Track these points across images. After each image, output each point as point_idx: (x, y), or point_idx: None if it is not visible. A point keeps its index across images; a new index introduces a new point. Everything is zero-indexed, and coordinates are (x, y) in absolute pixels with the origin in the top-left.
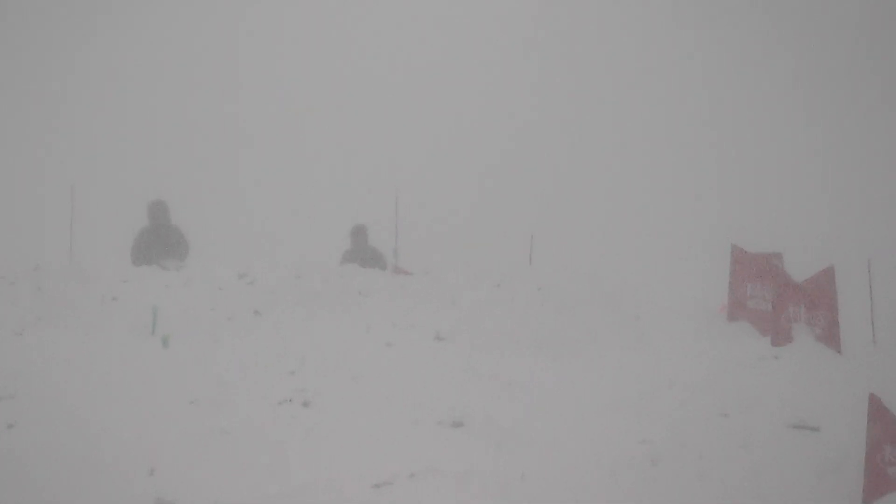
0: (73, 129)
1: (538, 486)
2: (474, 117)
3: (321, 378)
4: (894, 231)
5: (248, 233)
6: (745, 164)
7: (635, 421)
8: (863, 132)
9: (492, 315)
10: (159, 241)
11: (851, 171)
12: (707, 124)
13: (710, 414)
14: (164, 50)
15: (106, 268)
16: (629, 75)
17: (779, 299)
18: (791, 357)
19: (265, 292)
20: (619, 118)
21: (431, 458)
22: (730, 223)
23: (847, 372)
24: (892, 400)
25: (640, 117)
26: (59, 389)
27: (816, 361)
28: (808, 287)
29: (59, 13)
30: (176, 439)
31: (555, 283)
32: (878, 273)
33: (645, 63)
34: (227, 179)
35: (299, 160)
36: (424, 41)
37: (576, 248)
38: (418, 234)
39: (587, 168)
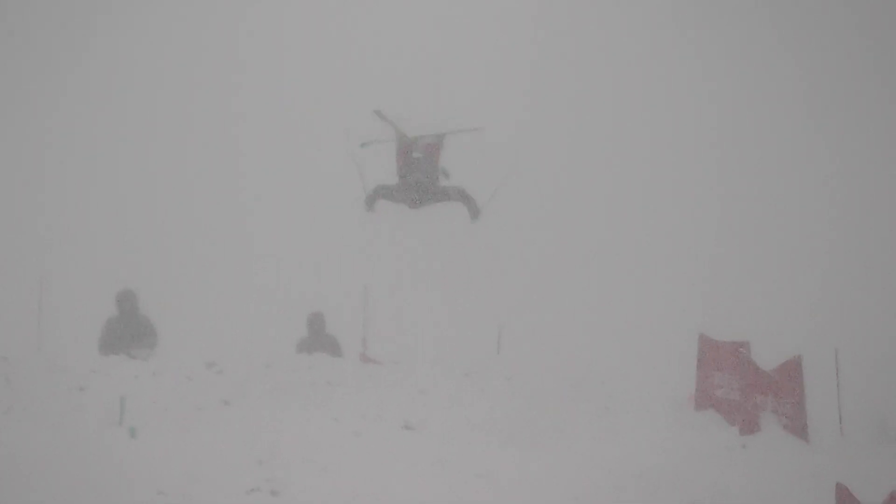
0: (43, 210)
1: None
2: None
3: (289, 468)
4: (861, 322)
5: (216, 319)
6: (715, 250)
7: None
8: (837, 216)
9: (461, 405)
10: (128, 331)
11: (819, 258)
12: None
13: None
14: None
15: (74, 358)
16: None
17: (746, 388)
18: (759, 447)
19: (234, 382)
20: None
21: None
22: (698, 311)
23: (814, 462)
24: (860, 490)
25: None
26: (27, 481)
27: (784, 451)
28: (776, 376)
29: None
30: None
31: (524, 373)
32: (845, 363)
33: (634, 87)
34: (193, 266)
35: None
36: (424, 46)
37: (544, 336)
38: (386, 322)
39: (553, 245)
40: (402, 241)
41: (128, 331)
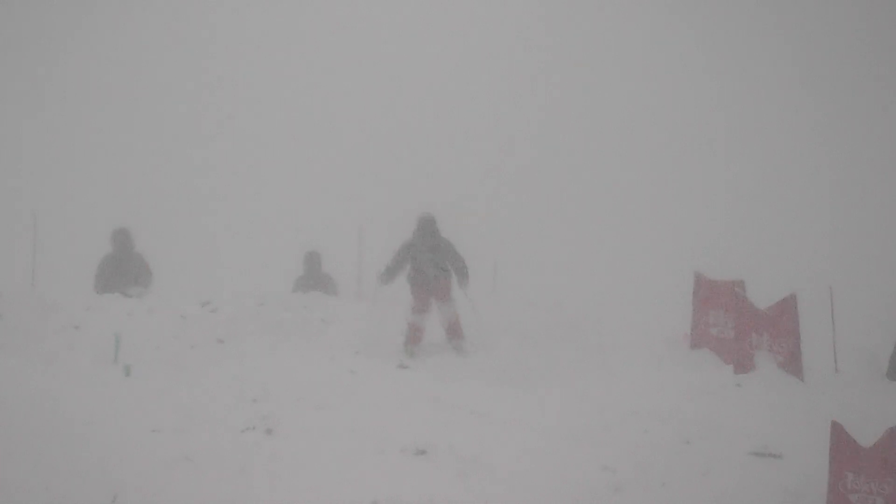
0: (39, 152)
1: None
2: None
3: (284, 406)
4: (856, 259)
5: (212, 260)
6: (710, 189)
7: (598, 449)
8: (832, 162)
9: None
10: (122, 269)
11: (816, 199)
12: (677, 142)
13: (672, 442)
14: (142, 58)
15: (68, 296)
16: (614, 91)
17: (741, 327)
18: (753, 385)
19: (228, 321)
20: (595, 136)
21: (394, 486)
22: (693, 250)
23: (809, 399)
24: (854, 427)
25: (615, 133)
26: (21, 418)
27: (779, 389)
28: (771, 314)
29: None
30: (139, 467)
31: (519, 313)
32: (840, 301)
33: (629, 80)
34: (190, 206)
35: (268, 183)
36: (426, 48)
37: (539, 276)
38: (381, 261)
39: (552, 191)
40: (398, 179)
41: (122, 269)
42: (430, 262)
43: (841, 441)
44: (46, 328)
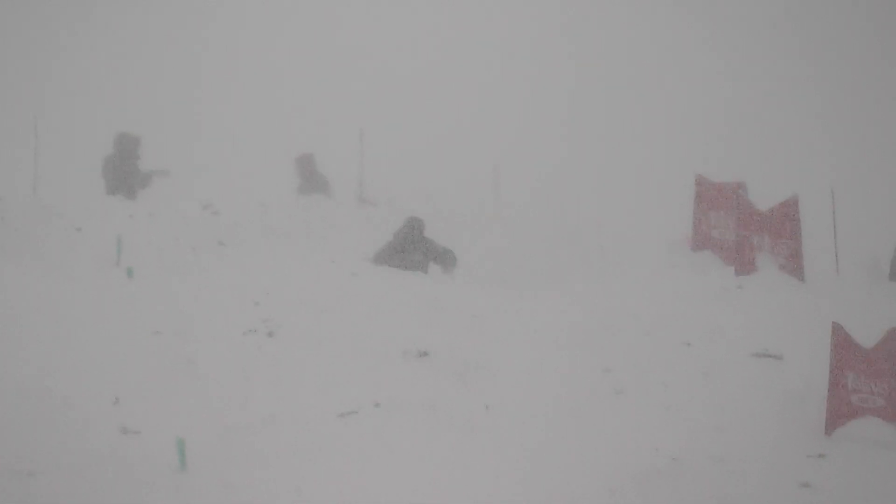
0: (40, 57)
1: (502, 416)
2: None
3: (286, 309)
4: (858, 161)
5: (214, 164)
6: (711, 93)
7: (599, 352)
8: (830, 68)
9: (457, 248)
10: (125, 173)
11: (817, 101)
12: (673, 54)
13: (673, 344)
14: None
15: (69, 199)
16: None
17: (742, 229)
18: (754, 286)
19: (229, 223)
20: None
21: (396, 388)
22: (695, 153)
23: (810, 301)
24: (855, 328)
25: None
26: (23, 320)
27: (779, 291)
28: (772, 216)
29: None
30: (140, 370)
31: (520, 217)
32: (841, 203)
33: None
34: (191, 110)
35: (269, 94)
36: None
37: (539, 181)
38: (384, 164)
39: (552, 100)
40: (400, 86)
41: (125, 173)
42: (415, 263)
43: (842, 342)
44: (48, 231)
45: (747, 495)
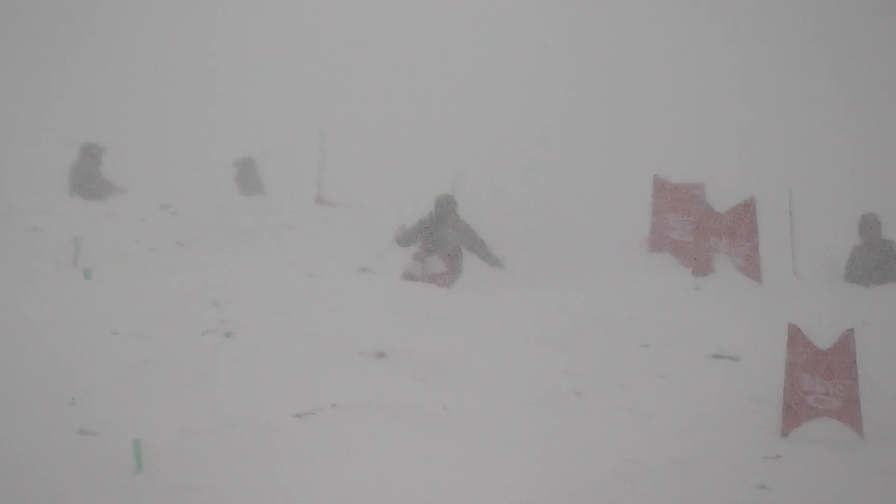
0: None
1: (461, 417)
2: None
3: (244, 309)
4: (816, 163)
5: (172, 164)
6: (670, 94)
7: (559, 354)
8: (789, 63)
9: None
10: (88, 181)
11: (775, 102)
12: (632, 53)
13: (632, 346)
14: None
15: (27, 199)
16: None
17: (700, 230)
18: (712, 288)
19: (188, 224)
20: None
21: (354, 389)
22: (653, 154)
23: (767, 302)
24: (811, 330)
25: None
26: None
27: (737, 292)
28: (730, 218)
29: None
30: (98, 370)
31: (483, 219)
32: (798, 205)
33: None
34: (150, 112)
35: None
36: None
37: (502, 184)
38: (344, 166)
39: (513, 102)
40: (361, 90)
41: (88, 181)
42: (445, 238)
43: (798, 343)
44: (5, 231)
45: (705, 497)
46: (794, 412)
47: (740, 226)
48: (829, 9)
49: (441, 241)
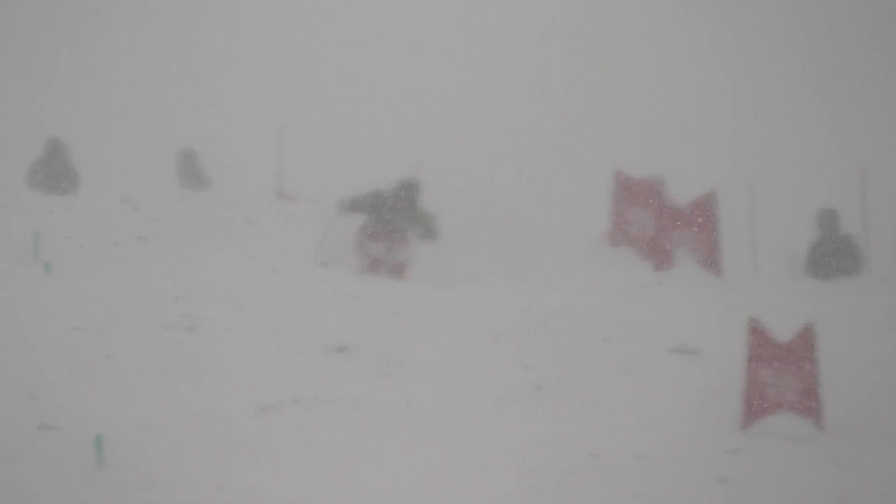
0: None
1: (423, 412)
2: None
3: (206, 304)
4: (776, 158)
5: (133, 159)
6: (631, 90)
7: (520, 349)
8: (750, 60)
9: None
10: (52, 174)
11: (735, 97)
12: (591, 48)
13: (593, 340)
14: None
15: None
16: None
17: (661, 225)
18: (672, 282)
19: (149, 219)
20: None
21: (316, 383)
22: (614, 149)
23: (728, 296)
24: (772, 323)
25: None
26: None
27: (697, 286)
28: (690, 212)
29: None
30: (59, 365)
31: (445, 212)
32: (759, 199)
33: None
34: (111, 108)
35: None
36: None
37: (462, 178)
38: (305, 161)
39: (480, 99)
40: (321, 84)
41: (52, 174)
42: (397, 227)
43: (758, 337)
44: None
45: (666, 491)
46: (755, 406)
47: (701, 220)
48: (790, 5)
49: (390, 225)
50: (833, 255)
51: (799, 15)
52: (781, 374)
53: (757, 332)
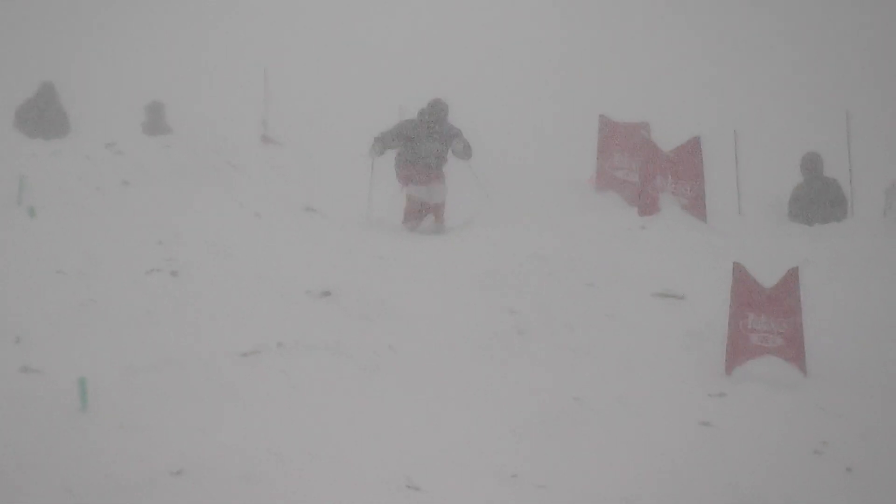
0: None
1: (406, 357)
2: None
3: (190, 249)
4: (761, 102)
5: (118, 103)
6: (617, 35)
7: (504, 293)
8: (732, 4)
9: (363, 187)
10: (44, 118)
11: (718, 42)
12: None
13: (577, 285)
14: None
15: None
16: None
17: (646, 169)
18: (657, 227)
19: (134, 163)
20: None
21: (300, 327)
22: (600, 94)
23: (712, 241)
24: (756, 269)
25: None
26: None
27: (683, 232)
28: (675, 157)
29: None
30: (42, 309)
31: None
32: (743, 143)
33: None
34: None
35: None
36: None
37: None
38: (288, 106)
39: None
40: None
41: (44, 118)
42: (430, 151)
43: (742, 282)
44: None
45: (649, 434)
46: (738, 350)
47: (686, 165)
48: None
49: (424, 153)
50: (816, 198)
51: None
52: (766, 319)
53: (741, 278)
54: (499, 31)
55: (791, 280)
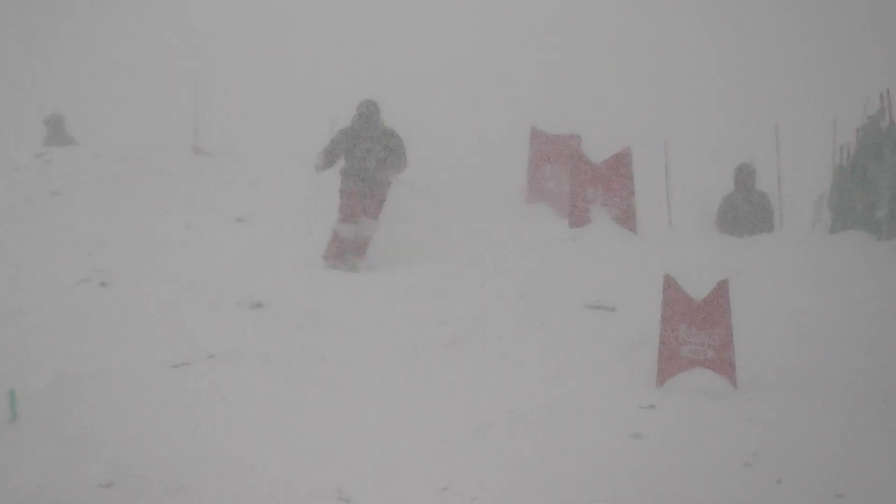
0: None
1: (337, 367)
2: None
3: (119, 259)
4: (692, 113)
5: (43, 112)
6: (548, 45)
7: (435, 303)
8: (665, 12)
9: (295, 197)
10: None
11: (650, 52)
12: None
13: (508, 296)
14: None
15: None
16: None
17: (576, 181)
18: (588, 239)
19: (62, 173)
20: None
21: (231, 339)
22: (531, 105)
23: (643, 253)
24: (686, 280)
25: None
26: None
27: (613, 243)
28: (606, 169)
29: None
30: None
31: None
32: (674, 155)
33: None
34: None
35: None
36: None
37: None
38: (221, 115)
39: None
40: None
41: None
42: (369, 153)
43: (673, 293)
44: None
45: (580, 446)
46: (669, 362)
47: (616, 176)
48: None
49: (360, 154)
50: (746, 210)
51: None
52: (696, 331)
53: (672, 289)
54: (437, 37)
55: (721, 292)
